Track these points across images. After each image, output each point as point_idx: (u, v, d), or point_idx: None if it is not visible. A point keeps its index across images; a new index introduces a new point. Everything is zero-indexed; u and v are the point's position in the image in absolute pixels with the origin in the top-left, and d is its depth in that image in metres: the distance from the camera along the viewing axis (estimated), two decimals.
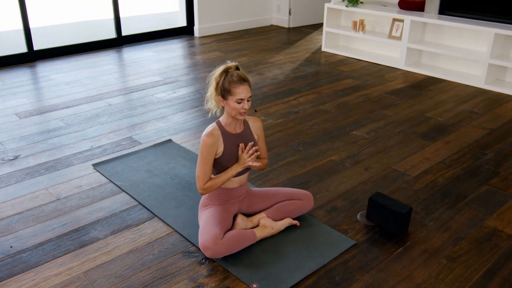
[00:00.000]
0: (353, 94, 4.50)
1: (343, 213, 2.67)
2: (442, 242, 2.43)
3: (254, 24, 7.27)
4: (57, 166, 3.12)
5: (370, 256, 2.32)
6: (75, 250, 2.34)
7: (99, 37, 5.99)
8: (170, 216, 2.61)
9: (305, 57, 5.71)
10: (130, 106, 4.11)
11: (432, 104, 4.27)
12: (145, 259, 2.28)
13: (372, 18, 5.75)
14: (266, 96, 4.42)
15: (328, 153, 3.35)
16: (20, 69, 5.05)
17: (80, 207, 2.69)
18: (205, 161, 2.30)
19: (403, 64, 5.30)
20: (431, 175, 3.08)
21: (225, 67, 2.30)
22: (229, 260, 2.27)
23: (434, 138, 3.60)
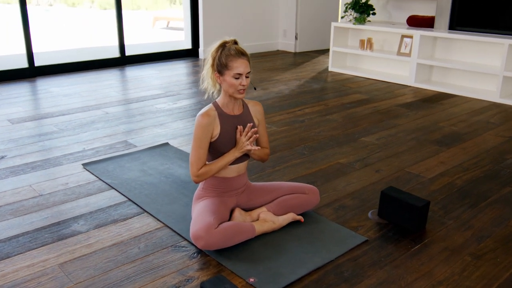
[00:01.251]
0: (362, 106, 4.31)
1: (353, 211, 2.41)
2: (464, 240, 2.16)
3: (260, 49, 7.19)
4: (45, 165, 2.92)
5: (384, 252, 2.05)
6: (52, 243, 2.09)
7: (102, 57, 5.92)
8: (161, 212, 2.37)
9: (312, 76, 5.57)
10: (128, 115, 3.94)
11: (445, 115, 4.06)
12: (130, 253, 2.03)
13: (380, 36, 5.64)
14: (270, 107, 4.24)
15: (336, 157, 3.12)
16: (20, 83, 4.93)
17: (64, 202, 2.46)
18: (199, 143, 2.09)
19: (413, 81, 5.12)
20: (448, 177, 2.83)
21: (222, 42, 2.12)
22: (223, 254, 2.01)
23: (449, 145, 3.36)
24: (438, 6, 4.93)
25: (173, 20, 10.39)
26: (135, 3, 16.17)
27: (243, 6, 6.79)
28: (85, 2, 16.67)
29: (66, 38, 9.47)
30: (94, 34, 9.91)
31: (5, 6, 15.40)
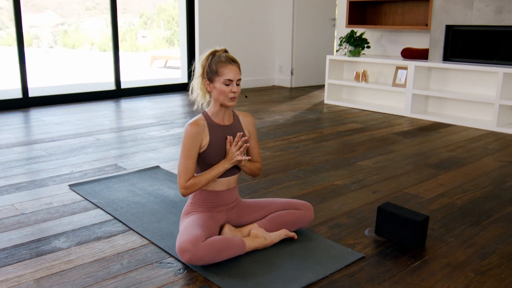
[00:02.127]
0: (357, 134, 4.25)
1: (349, 229, 2.30)
2: (467, 256, 2.04)
3: (256, 84, 7.22)
4: (29, 186, 2.81)
5: (382, 268, 1.93)
6: (30, 259, 1.97)
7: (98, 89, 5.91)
8: (148, 230, 2.25)
9: (307, 108, 5.54)
10: (119, 141, 3.87)
11: (442, 142, 4.00)
12: (111, 269, 1.90)
13: (375, 69, 5.66)
14: (264, 134, 4.18)
15: (331, 179, 3.03)
16: (13, 113, 4.89)
17: (46, 220, 2.34)
18: (188, 154, 2.00)
19: (409, 112, 5.09)
20: (447, 198, 2.73)
21: (212, 50, 2.08)
22: (210, 269, 1.88)
23: (448, 168, 3.28)
24: (431, 39, 4.97)
25: (171, 59, 10.50)
26: (134, 45, 16.45)
27: (239, 42, 6.86)
28: (85, 44, 16.95)
29: (64, 76, 9.53)
30: (92, 73, 9.98)
31: (7, 48, 15.63)
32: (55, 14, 18.76)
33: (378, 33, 5.79)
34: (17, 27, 4.99)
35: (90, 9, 19.84)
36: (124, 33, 16.35)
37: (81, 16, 19.04)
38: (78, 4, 18.46)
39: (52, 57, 14.09)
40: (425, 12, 5.23)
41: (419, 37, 5.41)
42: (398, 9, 5.51)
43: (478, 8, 4.57)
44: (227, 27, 6.69)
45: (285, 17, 7.11)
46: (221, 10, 6.58)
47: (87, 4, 18.43)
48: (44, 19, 18.08)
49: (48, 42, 17.55)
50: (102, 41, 16.89)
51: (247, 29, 6.94)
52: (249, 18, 6.92)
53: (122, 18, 17.89)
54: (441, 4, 4.82)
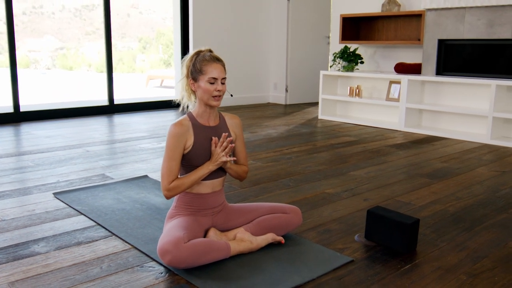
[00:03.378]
0: (350, 146, 4.21)
1: (338, 234, 2.23)
2: (459, 260, 1.98)
3: (250, 101, 7.21)
4: (13, 194, 2.75)
5: (371, 272, 1.87)
6: (6, 263, 1.90)
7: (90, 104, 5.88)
8: (131, 235, 2.18)
9: (301, 122, 5.51)
10: (109, 152, 3.82)
11: (436, 154, 3.95)
12: (90, 272, 1.83)
13: (369, 84, 5.66)
14: (256, 146, 4.13)
15: (322, 187, 2.97)
16: (3, 127, 4.84)
17: (27, 226, 2.28)
18: (171, 155, 1.95)
19: (402, 126, 5.07)
20: (440, 205, 2.67)
21: (196, 50, 2.05)
22: (193, 273, 1.82)
23: (442, 177, 3.23)
24: (424, 53, 4.98)
25: (167, 78, 10.52)
26: (131, 66, 16.54)
27: (234, 59, 6.88)
28: (83, 65, 17.03)
29: (59, 94, 9.52)
30: (88, 92, 9.98)
31: (5, 69, 15.67)
32: (55, 39, 18.92)
33: (372, 49, 5.81)
34: (10, 48, 5.03)
35: (89, 34, 20.04)
36: (122, 56, 16.47)
37: (80, 41, 19.23)
38: (78, 29, 18.64)
39: (49, 78, 14.12)
40: (417, 27, 5.26)
41: (412, 52, 5.42)
42: (391, 25, 5.54)
43: (469, 22, 4.59)
44: (222, 44, 6.71)
45: (279, 35, 7.15)
46: (216, 29, 6.61)
47: (87, 29, 18.62)
48: (44, 44, 18.21)
49: (46, 64, 17.63)
50: (99, 62, 16.99)
51: (242, 47, 6.96)
52: (244, 36, 6.96)
53: (122, 42, 18.04)
54: (433, 18, 4.85)
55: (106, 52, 5.79)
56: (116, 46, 17.60)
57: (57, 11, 18.20)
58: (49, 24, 18.39)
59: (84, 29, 19.63)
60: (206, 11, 6.47)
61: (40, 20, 17.97)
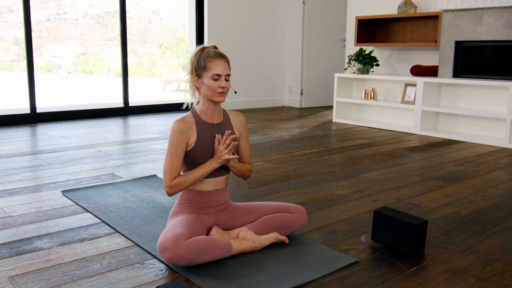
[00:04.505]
0: (364, 149, 4.14)
1: (344, 235, 2.18)
2: (468, 263, 1.91)
3: (265, 104, 7.19)
4: (22, 192, 2.77)
5: (375, 273, 1.81)
6: (9, 257, 1.90)
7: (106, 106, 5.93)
8: (134, 233, 2.17)
9: (315, 125, 5.46)
10: (120, 153, 3.83)
11: (451, 157, 3.86)
12: (90, 268, 1.82)
13: (384, 86, 5.58)
14: (267, 148, 4.10)
15: (331, 189, 2.92)
16: (20, 127, 4.91)
17: (32, 222, 2.28)
18: (174, 151, 1.94)
19: (418, 129, 4.98)
20: (452, 207, 2.60)
21: (201, 47, 2.04)
22: (193, 271, 1.79)
23: (456, 180, 3.15)
24: (441, 55, 4.89)
25: (183, 82, 10.54)
26: (150, 70, 16.69)
27: (249, 62, 6.87)
28: (103, 70, 17.26)
29: (77, 97, 9.65)
30: (106, 95, 10.09)
31: None
32: (78, 44, 19.24)
33: (388, 51, 5.74)
34: (28, 53, 5.10)
35: (111, 40, 20.35)
36: (142, 61, 16.64)
37: (102, 46, 19.54)
38: (100, 35, 18.92)
39: (69, 82, 14.34)
40: (434, 29, 5.17)
41: (429, 54, 5.33)
42: (407, 27, 5.46)
43: (487, 23, 4.50)
44: (237, 48, 6.71)
45: (295, 38, 7.12)
46: (231, 32, 6.62)
47: (108, 35, 18.90)
48: (67, 49, 18.52)
49: (67, 68, 17.92)
50: (119, 67, 17.17)
51: (257, 50, 6.95)
52: (259, 39, 6.95)
53: (142, 48, 18.23)
54: (450, 20, 4.76)
55: (122, 56, 5.84)
56: (137, 52, 17.80)
57: (80, 17, 18.52)
58: (72, 30, 18.72)
59: (106, 35, 19.93)
60: (221, 15, 6.49)
61: (63, 26, 18.31)
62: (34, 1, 16.64)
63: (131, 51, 17.76)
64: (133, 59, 18.22)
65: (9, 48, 14.16)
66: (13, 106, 5.61)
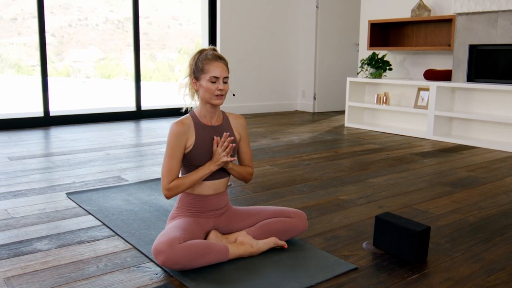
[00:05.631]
0: (373, 154, 4.08)
1: (346, 241, 2.14)
2: (472, 271, 1.85)
3: (278, 108, 7.16)
4: (28, 193, 2.79)
5: (374, 280, 1.77)
6: (7, 259, 1.91)
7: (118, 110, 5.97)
8: (134, 236, 2.16)
9: (326, 130, 5.42)
10: (128, 156, 3.84)
11: (463, 163, 3.78)
12: (86, 271, 1.81)
13: (397, 91, 5.50)
14: (276, 152, 4.07)
15: (337, 194, 2.88)
16: (33, 130, 4.97)
17: (34, 224, 2.29)
18: (172, 153, 1.93)
19: (431, 134, 4.89)
20: (459, 214, 2.53)
21: (200, 49, 2.02)
22: (188, 275, 1.77)
23: (465, 187, 3.07)
24: (454, 59, 4.81)
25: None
26: (166, 75, 16.82)
27: (262, 66, 6.86)
28: (120, 74, 17.46)
29: (94, 101, 9.76)
30: (122, 99, 10.17)
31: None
32: (98, 49, 19.52)
33: (401, 55, 5.66)
34: (42, 58, 5.18)
35: (130, 45, 20.64)
36: (160, 66, 16.77)
37: (122, 52, 19.80)
38: (120, 40, 19.16)
39: (87, 86, 14.53)
40: (448, 33, 5.09)
41: (442, 58, 5.25)
42: (421, 31, 5.39)
43: (502, 26, 4.40)
44: (250, 52, 6.71)
45: (308, 42, 7.08)
46: (244, 36, 6.62)
47: (128, 40, 19.14)
48: (88, 54, 18.80)
49: (86, 73, 18.16)
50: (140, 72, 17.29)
51: (270, 54, 6.94)
52: (272, 44, 6.93)
53: (161, 53, 18.40)
54: (464, 23, 4.68)
55: (135, 61, 5.89)
56: (156, 57, 17.95)
57: (101, 23, 18.78)
58: (93, 35, 19.01)
59: (126, 40, 20.19)
60: (234, 19, 6.49)
61: (85, 31, 18.60)
62: (56, 7, 16.95)
63: (150, 56, 17.92)
64: (152, 64, 18.39)
65: (32, 53, 14.43)
66: (31, 109, 5.70)
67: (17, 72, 16.35)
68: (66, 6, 17.37)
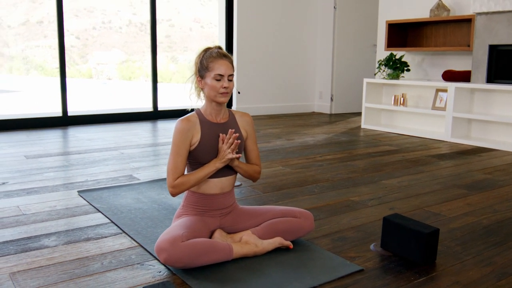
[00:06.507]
0: (389, 155, 4.02)
1: (353, 242, 2.11)
2: (481, 275, 1.80)
3: (295, 110, 7.13)
4: (40, 191, 2.83)
5: (379, 282, 1.73)
6: (14, 254, 1.93)
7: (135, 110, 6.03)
8: (140, 233, 2.17)
9: (342, 131, 5.36)
10: (142, 155, 3.87)
11: (480, 165, 3.69)
12: (90, 267, 1.82)
13: (415, 92, 5.42)
14: (289, 153, 4.04)
15: (348, 195, 2.84)
16: (51, 130, 5.05)
17: (44, 221, 2.32)
18: (177, 150, 1.93)
19: (449, 136, 4.80)
20: (473, 217, 2.47)
21: (205, 48, 2.02)
22: (191, 273, 1.76)
23: (481, 190, 3.00)
24: (474, 60, 4.71)
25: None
26: (186, 77, 16.94)
27: (279, 67, 6.84)
28: (141, 76, 17.65)
29: (114, 102, 9.88)
30: (142, 99, 10.28)
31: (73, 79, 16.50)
32: (121, 52, 19.80)
33: (420, 56, 5.57)
34: (61, 61, 5.26)
35: None
36: (182, 68, 16.93)
37: (144, 54, 20.05)
38: (143, 42, 19.40)
39: (109, 88, 14.74)
40: (468, 33, 4.99)
41: (462, 59, 5.15)
42: (440, 31, 5.29)
43: None
44: (267, 52, 6.70)
45: (325, 43, 7.04)
46: (261, 37, 6.61)
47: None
48: (111, 57, 19.09)
49: (107, 74, 18.42)
50: (157, 73, 17.51)
51: (287, 55, 6.91)
52: (289, 45, 6.91)
53: (183, 55, 18.55)
54: (483, 23, 4.58)
55: (152, 63, 5.94)
56: (177, 59, 18.11)
57: (124, 25, 19.05)
58: (117, 38, 19.29)
59: (148, 42, 20.43)
60: (251, 20, 6.49)
61: (108, 34, 18.89)
62: (81, 10, 17.21)
63: (172, 58, 18.09)
64: (173, 66, 18.53)
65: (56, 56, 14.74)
66: (52, 110, 5.83)
67: (41, 73, 16.70)
68: (91, 9, 17.63)
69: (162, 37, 16.59)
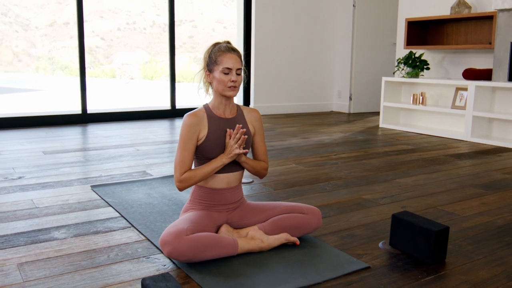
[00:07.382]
0: (405, 154, 3.96)
1: (362, 240, 2.08)
2: (492, 275, 1.75)
3: (313, 109, 7.08)
4: (55, 185, 2.87)
5: (385, 280, 1.70)
6: (24, 245, 1.96)
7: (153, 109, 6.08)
8: (148, 228, 2.18)
9: (359, 130, 5.31)
10: (157, 152, 3.89)
11: (499, 165, 3.60)
12: (96, 259, 1.84)
13: (434, 91, 5.32)
14: (304, 151, 4.02)
15: (360, 193, 2.80)
16: (71, 127, 5.13)
17: (56, 214, 2.35)
18: (184, 145, 1.93)
19: (469, 136, 4.70)
20: (487, 217, 2.41)
21: (214, 43, 2.02)
22: (195, 267, 1.76)
23: (498, 189, 2.92)
24: (495, 58, 4.60)
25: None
26: None
27: (298, 66, 6.81)
28: (163, 76, 17.82)
29: (135, 100, 9.99)
30: (161, 98, 10.38)
31: (96, 79, 16.76)
32: (145, 52, 20.05)
33: (440, 54, 5.48)
34: (80, 59, 5.34)
35: (177, 48, 21.15)
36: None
37: (168, 54, 20.29)
38: (166, 43, 19.65)
39: (131, 87, 14.92)
40: (489, 30, 4.88)
41: (484, 57, 5.04)
42: (461, 28, 5.19)
43: None
44: (286, 51, 6.68)
45: (344, 42, 6.98)
46: (279, 36, 6.59)
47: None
48: (135, 57, 19.34)
49: (130, 74, 18.65)
50: (178, 73, 17.68)
51: (306, 54, 6.88)
52: (308, 43, 6.87)
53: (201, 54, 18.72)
54: (506, 20, 4.47)
55: (170, 62, 6.00)
56: (200, 59, 18.26)
57: (148, 26, 19.29)
58: (141, 38, 19.54)
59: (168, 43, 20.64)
60: (269, 19, 6.48)
61: (132, 35, 19.16)
62: (106, 12, 17.47)
63: (195, 58, 18.23)
64: (196, 67, 18.69)
65: None
66: (73, 108, 5.95)
67: (66, 73, 17.00)
68: (116, 10, 17.88)
69: (185, 37, 16.74)
